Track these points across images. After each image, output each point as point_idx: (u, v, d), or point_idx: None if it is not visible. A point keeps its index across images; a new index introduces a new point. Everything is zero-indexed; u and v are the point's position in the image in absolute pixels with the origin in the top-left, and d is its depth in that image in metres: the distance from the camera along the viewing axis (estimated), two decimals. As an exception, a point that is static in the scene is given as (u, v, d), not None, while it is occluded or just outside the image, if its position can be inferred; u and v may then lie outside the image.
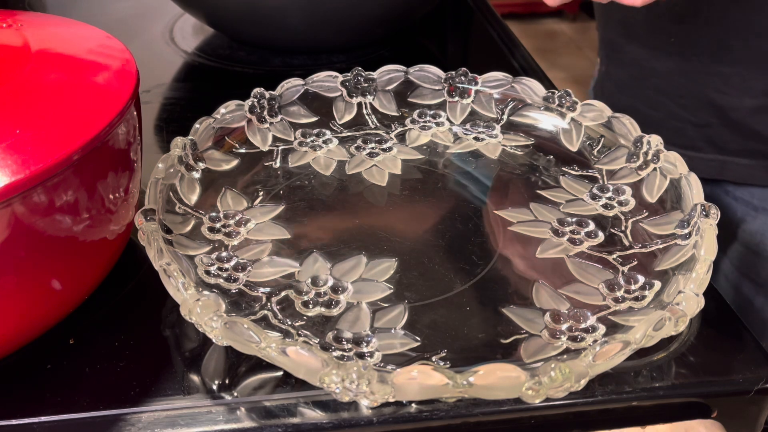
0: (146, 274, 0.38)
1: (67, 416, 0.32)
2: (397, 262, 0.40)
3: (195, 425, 0.32)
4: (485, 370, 0.29)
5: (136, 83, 0.38)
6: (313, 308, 0.37)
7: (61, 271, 0.35)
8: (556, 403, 0.33)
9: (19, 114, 0.33)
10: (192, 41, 0.72)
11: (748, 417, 0.36)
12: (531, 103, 0.52)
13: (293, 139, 0.51)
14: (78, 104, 0.35)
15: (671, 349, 0.36)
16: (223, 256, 0.40)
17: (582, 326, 0.36)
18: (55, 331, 0.36)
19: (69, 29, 0.42)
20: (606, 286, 0.39)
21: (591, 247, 0.42)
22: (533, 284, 0.39)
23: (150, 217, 0.37)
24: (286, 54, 0.69)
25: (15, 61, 0.37)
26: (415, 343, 0.35)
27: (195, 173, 0.45)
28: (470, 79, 0.53)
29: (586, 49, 2.70)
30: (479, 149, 0.51)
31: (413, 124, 0.53)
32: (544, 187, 0.47)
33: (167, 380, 0.34)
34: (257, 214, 0.44)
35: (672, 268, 0.38)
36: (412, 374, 0.29)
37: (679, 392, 0.34)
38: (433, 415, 0.32)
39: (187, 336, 0.36)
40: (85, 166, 0.33)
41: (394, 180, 0.48)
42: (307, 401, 0.33)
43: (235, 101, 0.49)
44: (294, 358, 0.30)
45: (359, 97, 0.53)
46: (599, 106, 0.50)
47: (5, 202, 0.30)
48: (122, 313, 0.38)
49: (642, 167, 0.46)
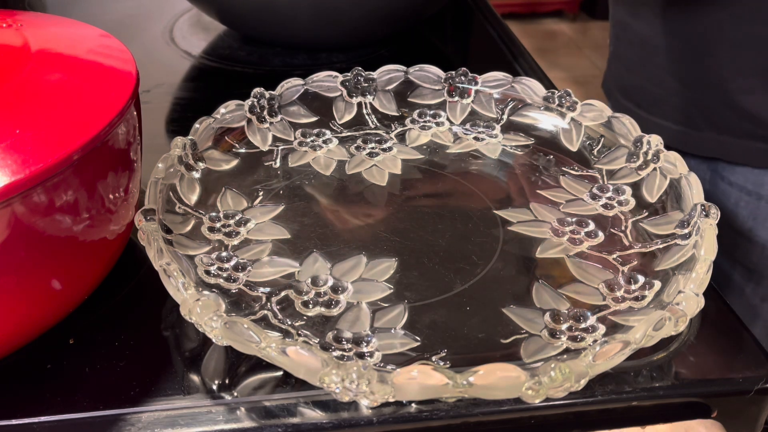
0: (146, 274, 0.38)
1: (67, 416, 0.32)
2: (397, 262, 0.40)
3: (195, 425, 0.32)
4: (485, 370, 0.29)
5: (136, 83, 0.38)
6: (313, 308, 0.37)
7: (61, 271, 0.34)
8: (556, 403, 0.33)
9: (19, 114, 0.33)
10: (192, 41, 0.72)
11: (748, 417, 0.36)
12: (531, 103, 0.52)
13: (293, 139, 0.51)
14: (78, 104, 0.35)
15: (671, 349, 0.36)
16: (223, 256, 0.40)
17: (582, 326, 0.36)
18: (55, 331, 0.36)
19: (69, 29, 0.42)
20: (606, 286, 0.39)
21: (591, 247, 0.42)
22: (533, 284, 0.39)
23: (150, 217, 0.37)
24: (288, 53, 0.69)
25: (15, 61, 0.37)
26: (415, 343, 0.35)
27: (195, 173, 0.45)
28: (470, 79, 0.53)
29: (586, 49, 2.70)
30: (479, 149, 0.51)
31: (413, 124, 0.53)
32: (544, 187, 0.47)
33: (167, 380, 0.34)
34: (257, 214, 0.44)
35: (672, 268, 0.38)
36: (412, 374, 0.29)
37: (679, 392, 0.34)
38: (433, 415, 0.32)
39: (187, 336, 0.36)
40: (85, 166, 0.33)
41: (394, 180, 0.48)
42: (307, 401, 0.33)
43: (235, 101, 0.49)
44: (294, 358, 0.30)
45: (359, 97, 0.53)
46: (599, 106, 0.50)
47: (5, 202, 0.30)
48: (122, 313, 0.38)
49: (642, 167, 0.46)
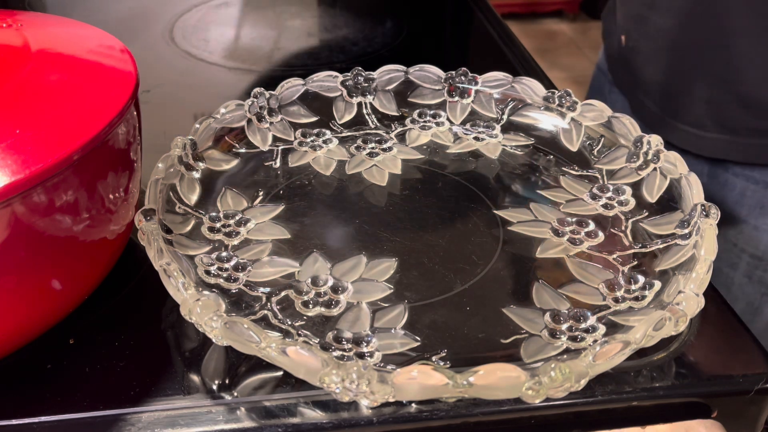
0: (146, 274, 0.38)
1: (67, 416, 0.32)
2: (397, 262, 0.40)
3: (195, 425, 0.32)
4: (485, 370, 0.29)
5: (136, 83, 0.38)
6: (313, 308, 0.37)
7: (61, 271, 0.34)
8: (556, 403, 0.33)
9: (19, 114, 0.33)
10: (192, 41, 0.72)
11: (748, 417, 0.36)
12: (531, 103, 0.52)
13: (293, 139, 0.51)
14: (78, 104, 0.35)
15: (671, 349, 0.36)
16: (223, 256, 0.40)
17: (582, 326, 0.36)
18: (55, 331, 0.36)
19: (69, 29, 0.42)
20: (606, 286, 0.39)
21: (591, 247, 0.42)
22: (533, 284, 0.39)
23: (150, 217, 0.37)
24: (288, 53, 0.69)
25: (15, 61, 0.37)
26: (415, 343, 0.35)
27: (195, 173, 0.45)
28: (470, 79, 0.53)
29: (586, 49, 2.70)
30: (479, 149, 0.51)
31: (413, 124, 0.53)
32: (544, 187, 0.47)
33: (167, 380, 0.34)
34: (257, 214, 0.44)
35: (672, 268, 0.38)
36: (412, 374, 0.29)
37: (679, 392, 0.34)
38: (433, 415, 0.32)
39: (187, 336, 0.36)
40: (85, 166, 0.33)
41: (394, 180, 0.48)
42: (307, 401, 0.33)
43: (235, 101, 0.49)
44: (294, 358, 0.30)
45: (359, 97, 0.53)
46: (599, 106, 0.50)
47: (5, 202, 0.30)
48: (122, 313, 0.38)
49: (642, 167, 0.46)
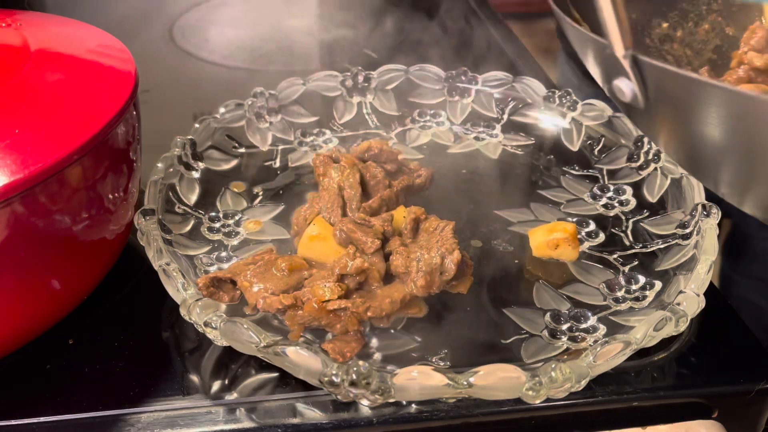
0: (146, 274, 0.38)
1: (67, 416, 0.32)
2: (397, 262, 0.40)
3: (195, 425, 0.32)
4: (485, 370, 0.29)
5: (136, 83, 0.38)
6: (313, 308, 0.37)
7: (60, 271, 0.34)
8: (556, 403, 0.33)
9: (18, 114, 0.33)
10: (192, 41, 0.72)
11: (748, 417, 0.36)
12: (531, 103, 0.52)
13: (293, 138, 0.51)
14: (77, 104, 0.35)
15: (672, 350, 0.36)
16: (223, 256, 0.40)
17: (582, 326, 0.36)
18: (55, 331, 0.36)
19: (69, 29, 0.42)
20: (607, 286, 0.39)
21: (591, 247, 0.42)
22: (533, 284, 0.39)
23: (149, 217, 0.37)
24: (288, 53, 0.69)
25: (15, 60, 0.37)
26: (415, 343, 0.35)
27: (194, 173, 0.45)
28: (470, 78, 0.53)
29: (587, 49, 2.70)
30: (479, 149, 0.51)
31: (413, 124, 0.53)
32: (544, 187, 0.47)
33: (167, 380, 0.34)
34: (257, 214, 0.44)
35: (673, 268, 0.38)
36: (412, 374, 0.29)
37: (679, 392, 0.34)
38: (433, 415, 0.32)
39: (186, 336, 0.36)
40: (84, 166, 0.33)
41: (395, 180, 0.48)
42: (307, 401, 0.33)
43: (235, 101, 0.49)
44: (294, 358, 0.30)
45: (359, 97, 0.53)
46: (600, 106, 0.50)
47: (5, 201, 0.30)
48: (122, 313, 0.38)
49: (643, 167, 0.46)
